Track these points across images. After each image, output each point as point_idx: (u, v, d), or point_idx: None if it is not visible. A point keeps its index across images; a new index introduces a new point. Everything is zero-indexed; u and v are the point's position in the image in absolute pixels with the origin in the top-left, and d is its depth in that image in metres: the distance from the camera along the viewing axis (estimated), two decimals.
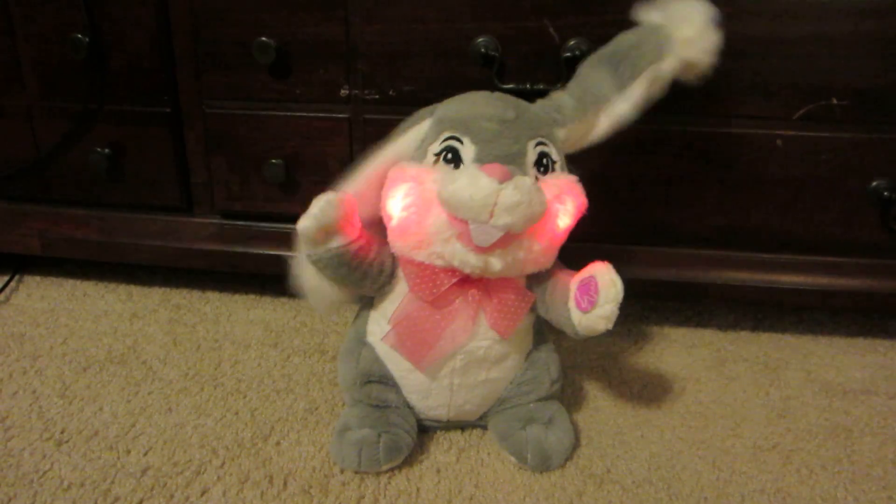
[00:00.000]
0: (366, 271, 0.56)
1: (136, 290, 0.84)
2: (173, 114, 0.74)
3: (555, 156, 0.55)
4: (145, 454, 0.58)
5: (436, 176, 0.52)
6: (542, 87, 0.66)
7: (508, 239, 0.51)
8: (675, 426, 0.64)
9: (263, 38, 0.67)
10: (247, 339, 0.75)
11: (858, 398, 0.68)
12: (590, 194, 0.72)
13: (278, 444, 0.60)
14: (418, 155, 0.56)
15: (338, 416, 0.62)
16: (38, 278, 0.86)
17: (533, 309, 0.58)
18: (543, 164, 0.54)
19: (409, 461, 0.58)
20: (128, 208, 0.79)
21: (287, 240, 0.59)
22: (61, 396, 0.65)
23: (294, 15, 0.67)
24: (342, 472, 0.56)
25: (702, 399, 0.68)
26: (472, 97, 0.56)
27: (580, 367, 0.72)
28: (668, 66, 0.57)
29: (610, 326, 0.52)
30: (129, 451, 0.58)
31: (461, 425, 0.61)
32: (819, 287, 0.73)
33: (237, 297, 0.83)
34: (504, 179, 0.48)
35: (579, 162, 0.70)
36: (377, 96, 0.70)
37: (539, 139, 0.54)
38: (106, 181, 0.77)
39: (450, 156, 0.53)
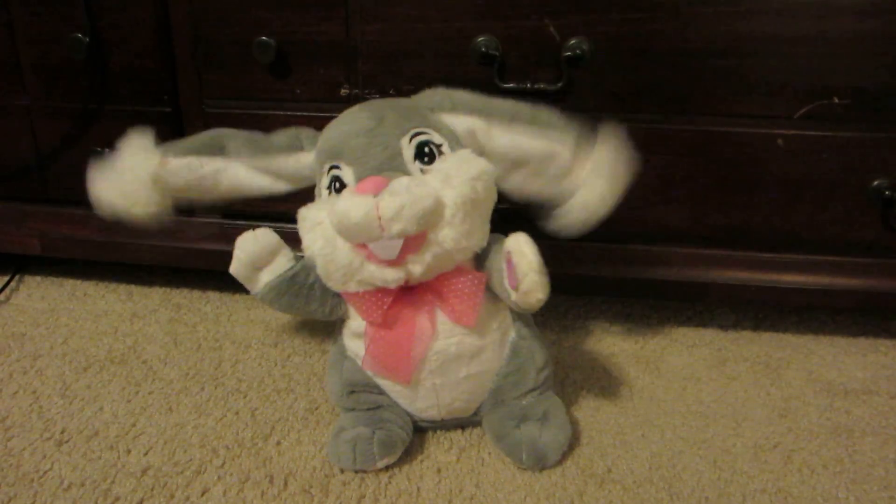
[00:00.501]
0: (308, 296, 0.57)
1: (137, 290, 0.84)
2: (173, 113, 0.74)
3: (438, 139, 0.54)
4: (146, 454, 0.58)
5: (327, 211, 0.52)
6: (542, 86, 0.66)
7: (414, 241, 0.50)
8: (676, 426, 0.63)
9: (263, 38, 0.67)
10: (247, 338, 0.75)
11: (860, 398, 0.68)
12: None
13: (279, 443, 0.59)
14: (315, 193, 0.56)
15: (338, 416, 0.62)
16: (38, 278, 0.86)
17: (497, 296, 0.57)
18: (426, 154, 0.53)
19: (410, 461, 0.58)
20: None
21: (288, 240, 0.59)
22: (62, 396, 0.65)
23: (294, 14, 0.67)
24: (343, 471, 0.56)
25: (703, 399, 0.67)
26: (340, 119, 0.57)
27: (580, 367, 0.72)
28: (561, 155, 0.55)
29: (542, 296, 0.50)
30: (129, 451, 0.58)
31: (458, 423, 0.61)
32: (820, 286, 0.72)
33: (238, 296, 0.83)
34: (378, 190, 0.48)
35: None
36: (377, 95, 0.70)
37: (414, 131, 0.53)
38: None
39: (338, 185, 0.53)
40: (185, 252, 0.78)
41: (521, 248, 0.50)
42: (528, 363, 0.58)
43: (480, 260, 0.56)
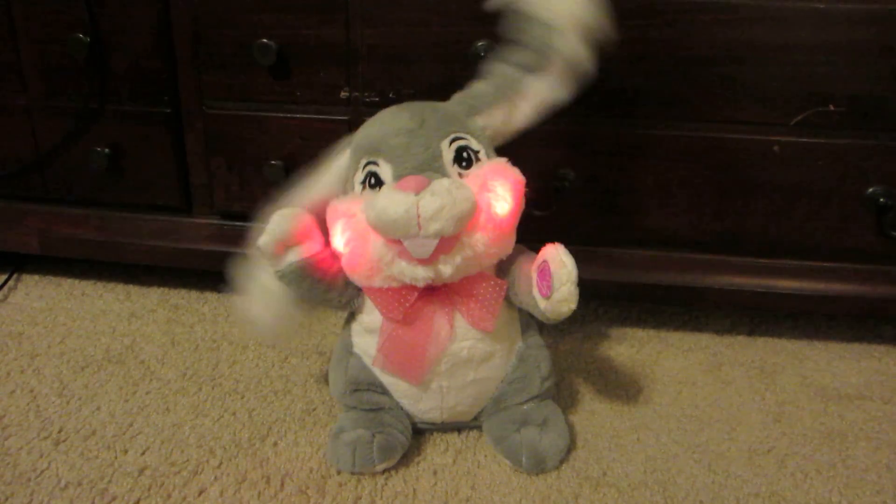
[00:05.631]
0: (330, 283, 0.57)
1: (135, 290, 0.84)
2: (173, 114, 0.74)
3: (476, 146, 0.55)
4: (143, 454, 0.58)
5: (362, 205, 0.53)
6: None
7: (448, 243, 0.51)
8: (671, 430, 0.64)
9: (264, 40, 0.68)
10: (245, 339, 0.75)
11: (853, 403, 0.69)
12: (588, 198, 0.72)
13: (276, 444, 0.60)
14: (347, 188, 0.56)
15: (335, 418, 0.63)
16: (36, 277, 0.86)
17: (513, 304, 0.58)
18: (464, 158, 0.54)
19: (406, 462, 0.58)
20: (127, 208, 0.79)
21: None
22: (59, 395, 0.65)
23: (295, 17, 0.67)
24: (339, 473, 0.57)
25: (698, 403, 0.68)
26: (379, 117, 0.57)
27: (576, 370, 0.72)
28: (564, 43, 0.55)
29: (573, 307, 0.52)
30: (126, 451, 0.58)
31: (457, 426, 0.62)
32: (815, 292, 0.73)
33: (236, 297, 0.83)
34: (420, 189, 0.49)
35: (578, 165, 0.71)
36: (377, 99, 0.70)
37: (454, 135, 0.54)
38: (106, 181, 0.77)
39: (373, 181, 0.54)
40: (183, 252, 0.78)
41: (560, 258, 0.51)
42: (534, 372, 0.59)
43: (501, 268, 0.57)
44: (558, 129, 0.59)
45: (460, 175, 0.53)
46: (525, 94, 0.56)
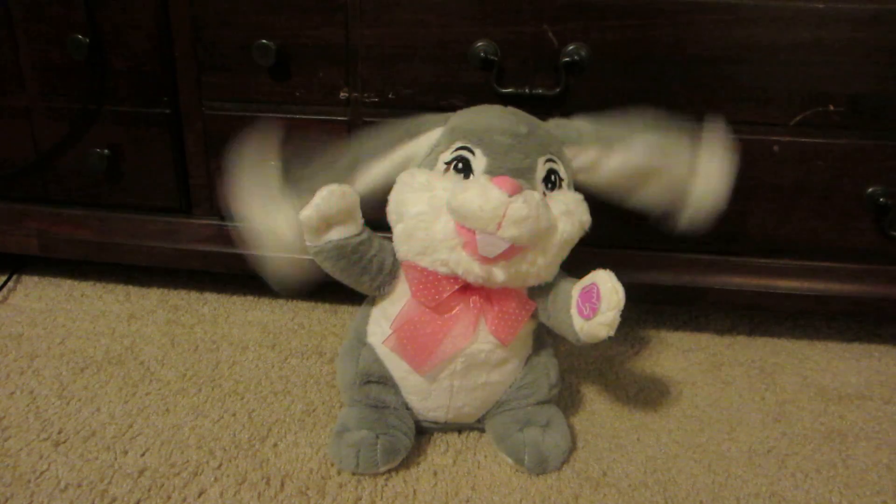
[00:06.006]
0: (365, 267, 0.57)
1: (134, 291, 0.84)
2: (173, 115, 0.74)
3: (563, 173, 0.56)
4: (142, 455, 0.58)
5: (446, 184, 0.53)
6: (540, 91, 0.66)
7: (513, 251, 0.51)
8: (672, 430, 0.64)
9: (264, 41, 0.68)
10: (245, 340, 0.75)
11: (853, 403, 0.69)
12: (588, 198, 0.72)
13: (275, 445, 0.60)
14: (428, 162, 0.56)
15: (335, 418, 0.63)
16: (35, 278, 0.86)
17: (534, 316, 0.59)
18: (551, 181, 0.55)
19: (406, 463, 0.58)
20: (126, 209, 0.79)
21: None
22: (59, 397, 0.65)
23: (295, 18, 0.67)
24: (339, 473, 0.57)
25: (698, 403, 0.68)
26: (487, 110, 0.58)
27: (577, 371, 0.72)
28: (675, 160, 0.59)
29: (612, 333, 0.53)
30: (126, 452, 0.58)
31: (459, 427, 0.62)
32: (815, 292, 0.73)
33: (235, 298, 0.83)
34: (514, 192, 0.50)
35: None
36: (376, 99, 0.70)
37: (549, 156, 0.55)
38: (105, 182, 0.77)
39: (461, 165, 0.54)
40: (182, 253, 0.78)
41: (613, 284, 0.53)
42: (543, 379, 0.60)
43: (534, 289, 0.58)
44: None
45: (544, 194, 0.54)
46: (622, 149, 0.58)
